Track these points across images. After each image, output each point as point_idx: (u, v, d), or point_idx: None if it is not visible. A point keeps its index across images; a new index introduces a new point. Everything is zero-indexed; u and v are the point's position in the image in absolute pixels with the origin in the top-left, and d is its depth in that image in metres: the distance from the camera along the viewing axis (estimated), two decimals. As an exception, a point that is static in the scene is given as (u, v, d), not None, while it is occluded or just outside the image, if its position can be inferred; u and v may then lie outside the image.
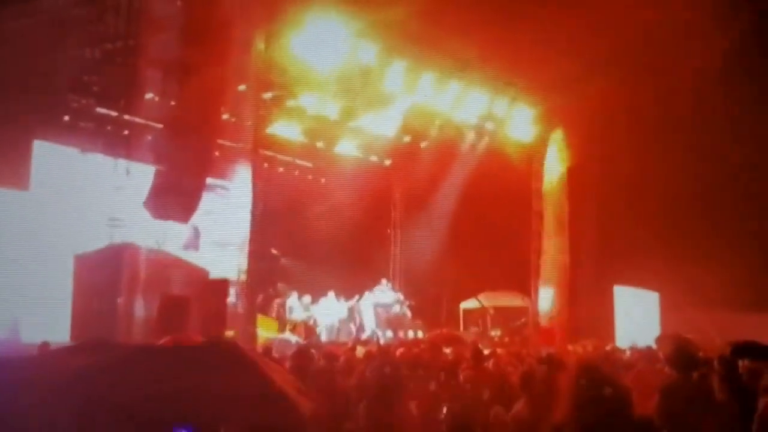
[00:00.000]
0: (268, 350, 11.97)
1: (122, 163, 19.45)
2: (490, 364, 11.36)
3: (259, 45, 18.45)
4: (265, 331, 19.58)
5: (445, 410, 8.02)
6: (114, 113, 19.75)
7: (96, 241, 18.57)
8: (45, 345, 12.96)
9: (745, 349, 8.07)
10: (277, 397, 5.60)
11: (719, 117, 21.93)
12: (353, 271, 24.04)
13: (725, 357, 7.82)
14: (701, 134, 21.79)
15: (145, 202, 17.57)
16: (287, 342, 18.57)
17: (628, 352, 16.22)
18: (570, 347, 19.03)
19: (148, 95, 19.39)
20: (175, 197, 17.55)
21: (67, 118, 19.36)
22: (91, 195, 19.38)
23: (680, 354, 8.22)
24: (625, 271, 24.52)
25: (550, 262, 25.88)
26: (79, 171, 19.58)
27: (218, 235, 20.71)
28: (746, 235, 23.33)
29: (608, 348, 19.36)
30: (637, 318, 25.81)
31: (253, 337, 17.76)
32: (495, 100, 23.89)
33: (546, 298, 25.84)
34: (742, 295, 21.95)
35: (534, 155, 26.13)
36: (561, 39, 19.17)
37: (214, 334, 13.86)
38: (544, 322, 25.36)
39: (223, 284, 17.87)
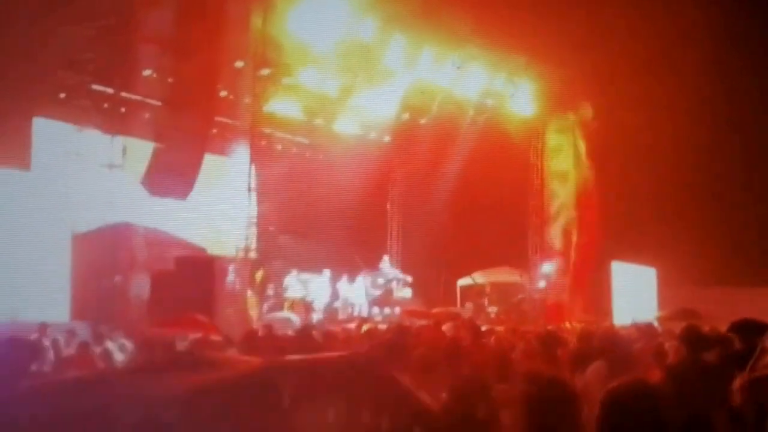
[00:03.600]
0: (269, 328, 11.90)
1: (119, 140, 19.43)
2: (491, 340, 11.32)
3: (257, 21, 18.34)
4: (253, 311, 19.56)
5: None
6: (110, 90, 19.68)
7: (93, 221, 18.55)
8: (43, 326, 12.97)
9: (742, 326, 8.09)
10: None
11: (722, 90, 21.85)
12: (351, 249, 24.00)
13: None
14: (703, 108, 21.69)
15: (142, 180, 17.52)
16: (287, 321, 18.55)
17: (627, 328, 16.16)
18: (567, 324, 19.04)
19: (146, 72, 19.22)
20: (173, 175, 17.50)
21: (63, 95, 19.27)
22: (89, 174, 19.33)
23: (692, 331, 8.26)
24: (623, 246, 24.49)
25: (550, 239, 25.87)
26: (76, 149, 19.51)
27: (216, 212, 20.65)
28: (743, 211, 23.35)
29: (606, 324, 19.44)
30: (635, 294, 25.84)
31: (248, 315, 17.76)
32: (495, 75, 23.70)
33: (544, 275, 25.82)
34: (739, 271, 21.97)
35: (534, 131, 26.02)
36: (564, 8, 19.06)
37: (207, 312, 13.80)
38: (541, 298, 25.33)
39: (216, 262, 17.83)
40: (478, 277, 25.48)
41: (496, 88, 23.97)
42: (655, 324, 19.09)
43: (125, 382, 6.81)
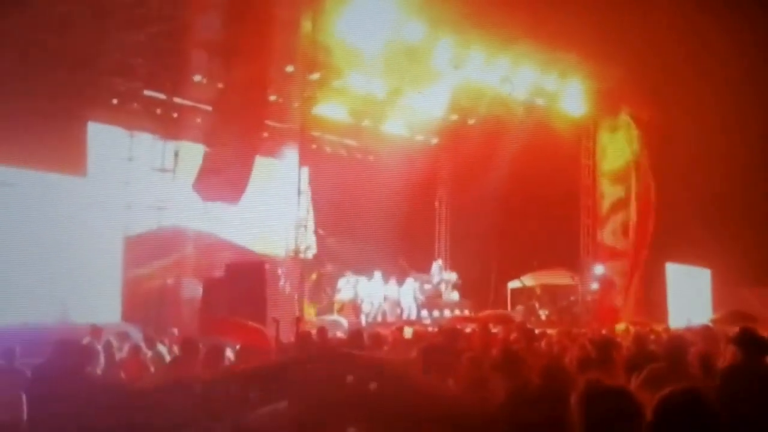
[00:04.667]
0: (323, 332, 11.86)
1: (171, 145, 19.62)
2: (542, 344, 11.16)
3: (306, 25, 18.36)
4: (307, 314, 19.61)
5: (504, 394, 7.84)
6: (162, 96, 19.89)
7: (145, 224, 18.74)
8: (96, 329, 13.08)
9: None
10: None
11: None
12: (400, 251, 23.95)
13: None
14: (758, 108, 21.25)
15: (194, 185, 17.64)
16: (338, 324, 18.55)
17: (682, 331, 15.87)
18: (621, 327, 18.76)
19: (196, 77, 19.41)
20: (224, 179, 17.58)
21: (115, 101, 19.51)
22: (141, 178, 19.55)
23: (748, 334, 7.91)
24: (677, 248, 24.10)
25: (602, 240, 25.50)
26: (128, 154, 19.75)
27: (267, 216, 20.74)
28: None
29: (661, 328, 19.12)
30: (689, 296, 25.41)
31: (301, 320, 17.77)
32: (545, 75, 23.43)
33: (596, 277, 25.45)
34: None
35: (585, 130, 25.68)
36: (616, 5, 18.78)
37: (258, 317, 13.81)
38: (593, 300, 24.97)
39: (267, 266, 17.84)
40: (528, 280, 25.21)
41: (547, 87, 23.68)
42: (710, 326, 18.79)
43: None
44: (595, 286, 25.33)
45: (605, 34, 19.69)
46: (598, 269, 25.42)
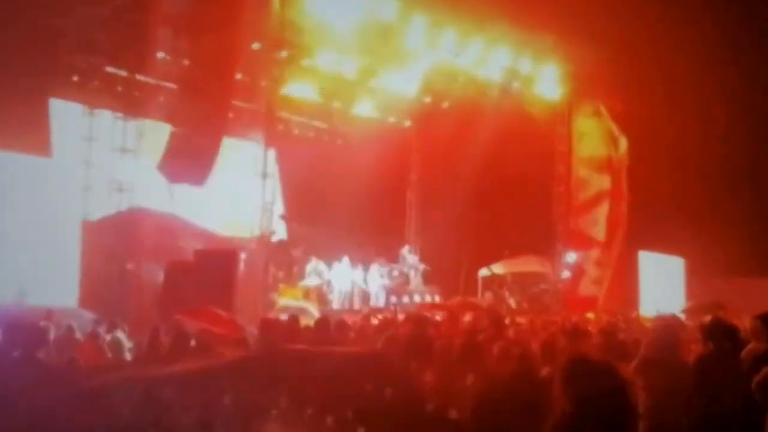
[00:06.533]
0: (294, 320, 11.43)
1: (133, 124, 19.11)
2: (511, 332, 10.91)
3: (274, 1, 17.87)
4: (287, 299, 19.21)
5: (470, 383, 7.57)
6: (124, 73, 19.35)
7: (106, 206, 18.28)
8: (50, 313, 12.68)
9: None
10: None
11: (751, 82, 21.32)
12: (369, 236, 23.61)
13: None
14: (733, 98, 21.15)
15: (159, 166, 17.12)
16: (303, 310, 18.16)
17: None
18: (591, 315, 18.57)
19: (160, 54, 18.84)
20: (190, 160, 17.09)
21: (76, 78, 18.97)
22: (102, 158, 19.08)
23: (718, 324, 8.04)
24: (650, 236, 23.99)
25: (576, 227, 25.22)
26: (89, 133, 19.29)
27: (233, 198, 20.30)
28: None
29: (633, 315, 18.99)
30: (661, 285, 25.32)
31: (270, 305, 17.38)
32: (520, 58, 23.02)
33: (568, 264, 25.21)
34: (766, 262, 21.54)
35: (561, 116, 25.31)
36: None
37: (223, 303, 13.41)
38: (565, 288, 24.75)
39: (232, 250, 17.42)
40: (496, 267, 24.94)
41: (522, 69, 23.27)
42: (681, 315, 18.64)
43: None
44: (566, 274, 25.08)
45: (581, 17, 19.40)
46: (570, 257, 25.17)
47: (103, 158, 19.11)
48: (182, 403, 5.15)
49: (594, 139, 25.24)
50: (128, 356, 11.63)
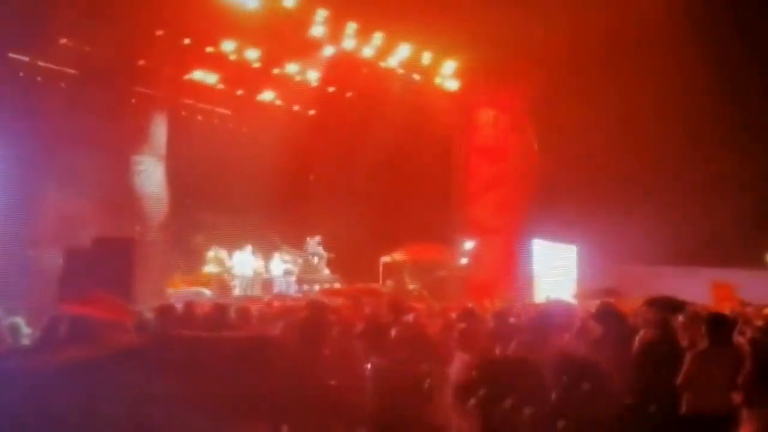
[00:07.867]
0: (190, 306, 11.52)
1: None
2: (410, 317, 11.24)
3: (177, -13, 17.83)
4: (181, 288, 19.21)
5: (370, 366, 7.90)
6: (25, 58, 18.92)
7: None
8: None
9: (658, 302, 8.84)
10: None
11: (654, 74, 21.90)
12: (272, 224, 23.71)
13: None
14: (627, 84, 21.67)
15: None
16: (200, 295, 18.22)
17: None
18: (487, 302, 19.08)
19: (62, 40, 18.50)
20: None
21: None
22: None
23: (607, 308, 8.87)
24: (545, 224, 24.60)
25: (473, 216, 25.83)
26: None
27: (134, 185, 20.08)
28: (664, 189, 23.61)
29: (525, 302, 19.58)
30: (556, 272, 26.08)
31: (167, 292, 17.37)
32: (421, 50, 23.48)
33: (466, 252, 25.84)
34: (660, 250, 22.22)
35: (460, 107, 25.86)
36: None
37: (121, 290, 13.35)
38: (463, 275, 25.33)
39: (131, 240, 17.33)
40: (398, 255, 25.36)
41: (423, 62, 23.76)
42: (573, 301, 19.36)
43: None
44: (464, 261, 25.71)
45: (481, 11, 19.79)
46: (468, 245, 25.81)
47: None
48: (68, 390, 5.09)
49: (489, 129, 25.94)
50: (26, 342, 11.52)
